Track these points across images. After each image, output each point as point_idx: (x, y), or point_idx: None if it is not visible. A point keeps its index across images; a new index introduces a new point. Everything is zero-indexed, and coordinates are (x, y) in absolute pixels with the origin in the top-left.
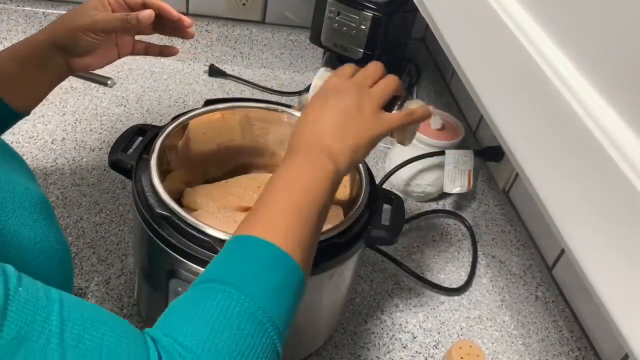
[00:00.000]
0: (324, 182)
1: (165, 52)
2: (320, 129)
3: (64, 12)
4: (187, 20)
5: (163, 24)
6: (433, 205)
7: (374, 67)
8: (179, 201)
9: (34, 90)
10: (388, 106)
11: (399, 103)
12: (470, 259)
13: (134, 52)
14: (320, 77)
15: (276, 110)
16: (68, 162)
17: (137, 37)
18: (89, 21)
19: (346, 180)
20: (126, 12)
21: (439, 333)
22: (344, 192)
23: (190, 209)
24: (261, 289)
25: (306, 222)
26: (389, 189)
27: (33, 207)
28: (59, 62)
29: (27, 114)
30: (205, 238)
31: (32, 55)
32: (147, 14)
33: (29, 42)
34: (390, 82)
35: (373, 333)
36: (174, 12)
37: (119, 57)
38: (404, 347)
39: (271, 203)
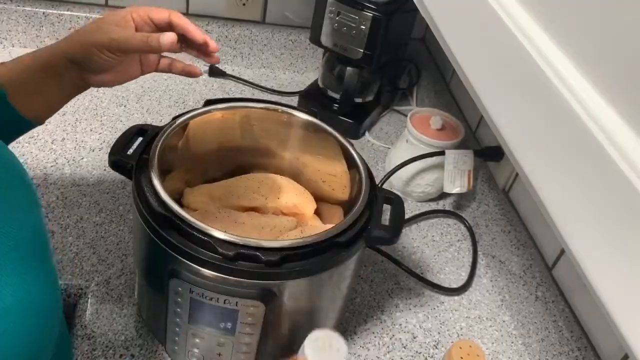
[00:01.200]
0: None
1: (188, 71)
2: None
3: (64, 12)
4: (212, 44)
5: (188, 43)
6: (433, 205)
7: None
8: (179, 201)
9: (46, 99)
10: None
11: None
12: (470, 259)
13: (158, 70)
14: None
15: (276, 110)
16: (68, 162)
17: (164, 53)
18: (106, 39)
19: (346, 180)
20: (151, 28)
21: (439, 333)
22: (343, 192)
23: (190, 209)
24: None
25: None
26: (389, 189)
27: (27, 248)
28: (74, 77)
29: (40, 123)
30: (205, 238)
31: (47, 65)
32: (169, 39)
33: (44, 54)
34: None
35: (373, 333)
36: (199, 35)
37: (142, 74)
38: (404, 347)
39: None
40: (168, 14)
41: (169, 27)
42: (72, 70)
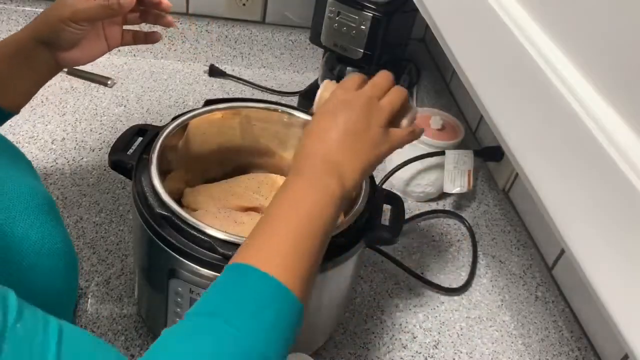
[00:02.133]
0: (329, 206)
1: (150, 38)
2: (328, 146)
3: None
4: (165, 2)
5: (146, 11)
6: (433, 205)
7: (383, 78)
8: (179, 201)
9: (22, 88)
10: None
11: (408, 116)
12: (470, 259)
13: (123, 43)
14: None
15: (276, 110)
16: (68, 162)
17: (125, 27)
18: (70, 11)
19: None
20: None
21: (439, 333)
22: None
23: (190, 209)
24: (259, 326)
25: (308, 252)
26: (389, 189)
27: (39, 207)
28: (45, 58)
29: (17, 112)
30: (205, 238)
31: (17, 53)
32: None
33: (12, 40)
34: (399, 95)
35: (373, 333)
36: None
37: (109, 49)
38: (404, 347)
39: (272, 229)
40: None
41: None
42: (43, 51)
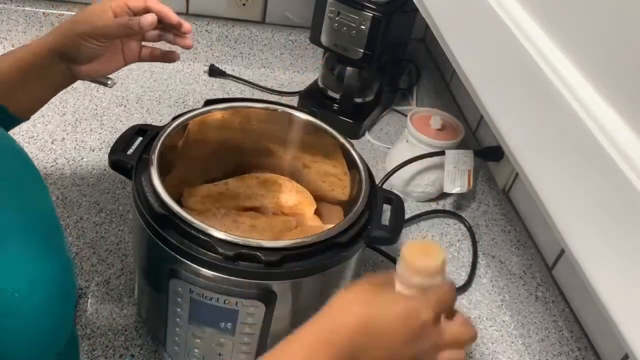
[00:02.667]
0: None
1: (167, 57)
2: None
3: (64, 12)
4: (187, 25)
5: (165, 30)
6: (433, 205)
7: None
8: (179, 201)
9: (36, 97)
10: None
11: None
12: (470, 259)
13: (140, 59)
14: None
15: (276, 110)
16: (68, 162)
17: (143, 43)
18: (90, 28)
19: (346, 180)
20: (129, 16)
21: None
22: (344, 192)
23: (190, 209)
24: None
25: None
26: (389, 189)
27: (38, 232)
28: (60, 70)
29: (27, 119)
30: (205, 238)
31: (34, 63)
32: (150, 19)
33: (31, 50)
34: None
35: None
36: (174, 17)
37: (126, 64)
38: None
39: None
40: (144, 1)
41: (145, 13)
42: (59, 63)
